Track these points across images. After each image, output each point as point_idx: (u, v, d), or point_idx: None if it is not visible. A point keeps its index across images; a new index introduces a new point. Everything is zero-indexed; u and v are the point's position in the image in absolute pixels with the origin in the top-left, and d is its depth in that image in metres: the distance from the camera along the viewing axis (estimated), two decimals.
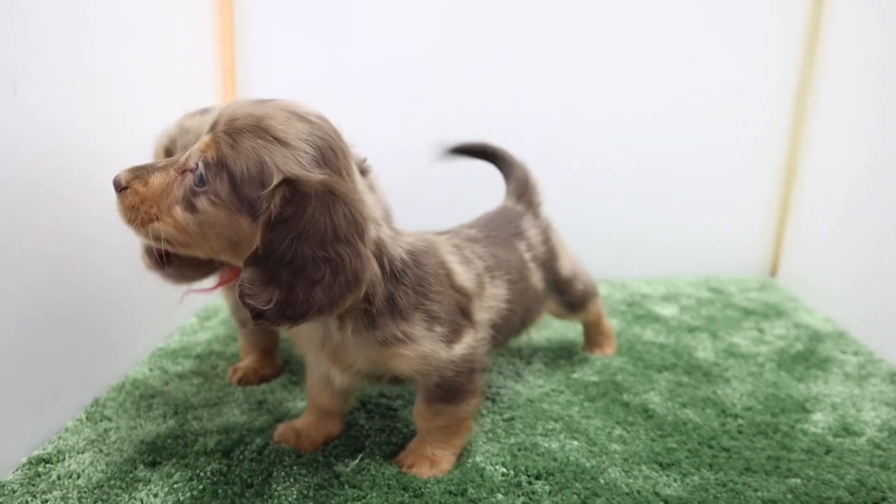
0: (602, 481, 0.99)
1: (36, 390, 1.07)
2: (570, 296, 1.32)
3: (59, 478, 0.98)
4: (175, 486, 0.97)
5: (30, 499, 0.93)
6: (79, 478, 0.98)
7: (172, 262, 0.95)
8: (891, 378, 1.36)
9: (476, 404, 1.04)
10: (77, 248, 1.17)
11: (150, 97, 1.45)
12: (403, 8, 1.81)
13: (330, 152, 0.82)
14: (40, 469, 1.00)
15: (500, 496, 0.96)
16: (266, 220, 0.77)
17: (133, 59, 1.37)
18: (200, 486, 0.97)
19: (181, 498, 0.94)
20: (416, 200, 1.83)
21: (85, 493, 0.95)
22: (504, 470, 1.02)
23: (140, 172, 0.85)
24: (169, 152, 1.09)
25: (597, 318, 1.43)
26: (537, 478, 1.00)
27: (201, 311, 1.69)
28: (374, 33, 1.81)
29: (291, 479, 0.98)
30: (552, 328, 1.59)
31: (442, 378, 0.97)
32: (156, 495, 0.95)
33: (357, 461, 1.03)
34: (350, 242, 0.78)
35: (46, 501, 0.93)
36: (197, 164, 0.82)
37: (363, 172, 0.95)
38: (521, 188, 1.35)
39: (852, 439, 1.14)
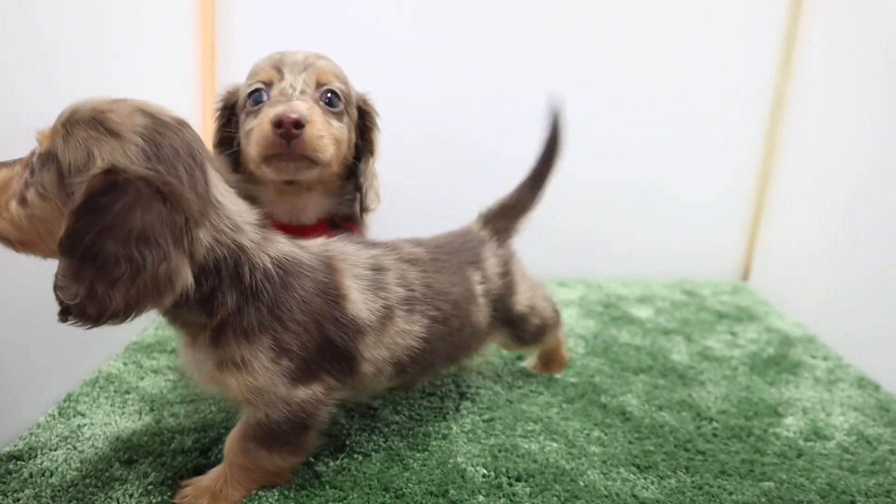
0: (581, 483, 1.01)
1: (6, 384, 1.04)
2: (522, 331, 1.22)
3: (31, 476, 0.96)
4: (150, 486, 0.95)
5: (1, 497, 0.91)
6: (52, 476, 0.96)
7: None
8: (858, 383, 1.39)
9: (293, 464, 0.96)
10: None
11: (130, 86, 1.42)
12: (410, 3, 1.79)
13: (169, 149, 0.77)
14: (11, 466, 0.98)
15: (481, 498, 0.96)
16: (72, 208, 0.72)
17: (114, 48, 1.34)
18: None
19: (158, 499, 0.93)
20: (409, 197, 1.83)
21: (59, 491, 0.93)
22: (485, 471, 1.02)
23: None
24: (278, 69, 1.09)
25: (554, 347, 1.34)
26: (518, 479, 1.01)
27: None
28: (363, 25, 1.79)
29: (276, 485, 0.97)
30: None
31: (267, 417, 0.88)
32: (131, 495, 0.93)
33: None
34: (158, 244, 0.73)
35: (18, 500, 0.91)
36: (32, 157, 0.79)
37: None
38: (497, 211, 1.23)
39: (822, 443, 1.17)
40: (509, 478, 1.01)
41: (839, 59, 1.69)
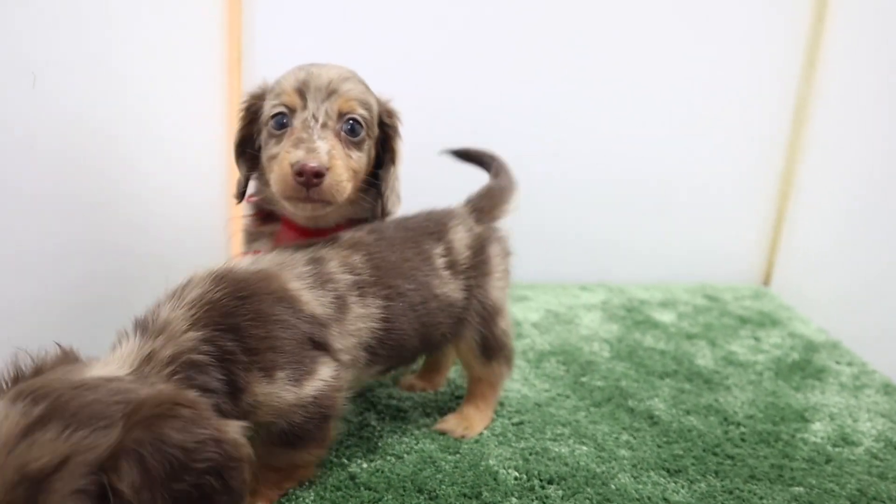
0: (613, 487, 1.01)
1: None
2: (489, 331, 1.13)
3: None
4: None
5: None
6: None
7: None
8: (885, 389, 1.39)
9: (320, 455, 0.96)
10: (89, 243, 1.17)
11: (156, 89, 1.44)
12: (413, 3, 1.80)
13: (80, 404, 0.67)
14: None
15: (514, 500, 0.97)
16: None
17: (141, 51, 1.36)
18: None
19: None
20: (412, 201, 1.84)
21: None
22: (517, 474, 1.03)
23: None
24: (302, 94, 1.06)
25: (492, 386, 1.19)
26: (549, 482, 1.02)
27: None
28: (383, 28, 1.81)
29: (308, 481, 0.98)
30: (554, 332, 1.61)
31: (289, 424, 0.87)
32: None
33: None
34: (203, 438, 0.68)
35: None
36: None
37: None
38: (480, 193, 1.23)
39: (850, 449, 1.17)
40: (541, 480, 1.02)
41: (862, 62, 1.69)
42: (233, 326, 0.82)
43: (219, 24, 1.72)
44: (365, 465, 1.03)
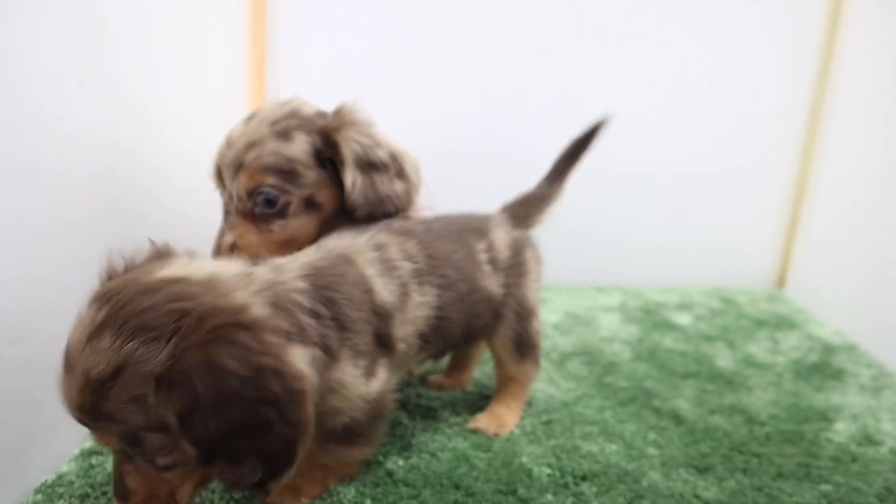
0: (644, 483, 1.03)
1: None
2: (523, 329, 1.16)
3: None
4: None
5: (90, 490, 0.95)
6: None
7: None
8: None
9: (368, 454, 0.99)
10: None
11: (180, 96, 1.45)
12: (434, 7, 1.83)
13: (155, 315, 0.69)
14: (93, 461, 1.01)
15: (549, 496, 0.99)
16: (180, 428, 0.66)
17: (164, 58, 1.37)
18: None
19: (239, 496, 0.96)
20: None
21: None
22: (549, 471, 1.05)
23: None
24: (220, 175, 1.07)
25: (523, 385, 1.22)
26: (583, 479, 1.03)
27: None
28: (405, 33, 1.83)
29: (348, 478, 1.00)
30: (575, 334, 1.63)
31: (352, 419, 0.90)
32: (213, 491, 0.96)
33: None
34: (261, 367, 0.67)
35: (105, 493, 0.94)
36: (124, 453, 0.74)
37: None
38: (518, 200, 1.25)
39: (875, 449, 1.19)
40: (574, 477, 1.04)
41: (877, 63, 1.72)
42: (329, 300, 0.85)
43: (242, 32, 1.74)
44: (401, 462, 1.05)
